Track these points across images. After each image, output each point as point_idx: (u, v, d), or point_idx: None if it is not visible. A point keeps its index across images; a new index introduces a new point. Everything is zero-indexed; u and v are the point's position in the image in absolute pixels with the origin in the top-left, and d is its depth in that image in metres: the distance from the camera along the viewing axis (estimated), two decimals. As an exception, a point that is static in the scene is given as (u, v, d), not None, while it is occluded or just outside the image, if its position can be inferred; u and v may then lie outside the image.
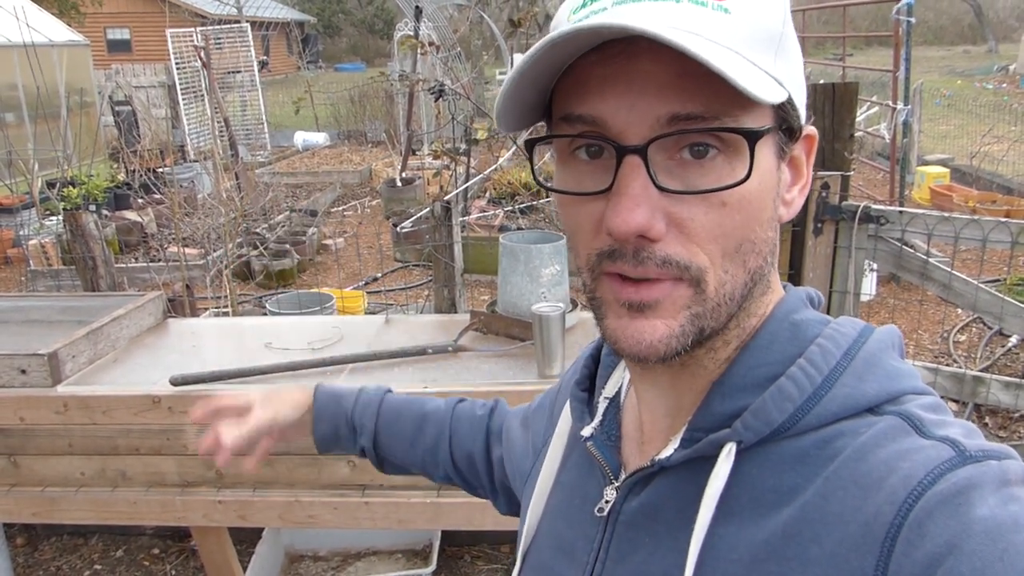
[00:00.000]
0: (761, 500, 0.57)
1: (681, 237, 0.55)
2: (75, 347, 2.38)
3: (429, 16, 10.13)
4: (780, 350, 0.60)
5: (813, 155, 0.64)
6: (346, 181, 10.81)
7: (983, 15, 27.41)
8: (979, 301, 2.80)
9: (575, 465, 0.74)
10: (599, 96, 0.54)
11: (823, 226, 2.82)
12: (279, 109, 15.72)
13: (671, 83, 0.52)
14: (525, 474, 0.86)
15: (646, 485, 0.64)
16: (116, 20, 25.90)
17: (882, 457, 0.53)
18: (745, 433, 0.57)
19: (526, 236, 2.95)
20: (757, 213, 0.56)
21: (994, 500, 0.48)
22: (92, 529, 3.38)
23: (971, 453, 0.51)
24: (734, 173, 0.54)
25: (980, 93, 15.83)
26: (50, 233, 6.67)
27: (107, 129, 11.25)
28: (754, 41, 0.53)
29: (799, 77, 0.58)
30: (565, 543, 0.71)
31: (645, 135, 0.53)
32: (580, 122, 0.55)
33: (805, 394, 0.57)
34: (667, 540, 0.61)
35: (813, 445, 0.56)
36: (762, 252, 0.58)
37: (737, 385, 0.60)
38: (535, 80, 0.56)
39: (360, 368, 2.40)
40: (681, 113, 0.52)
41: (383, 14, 35.07)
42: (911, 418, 0.55)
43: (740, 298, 0.58)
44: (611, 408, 0.72)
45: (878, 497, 0.51)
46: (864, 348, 0.59)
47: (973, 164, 8.86)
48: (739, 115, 0.53)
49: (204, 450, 1.01)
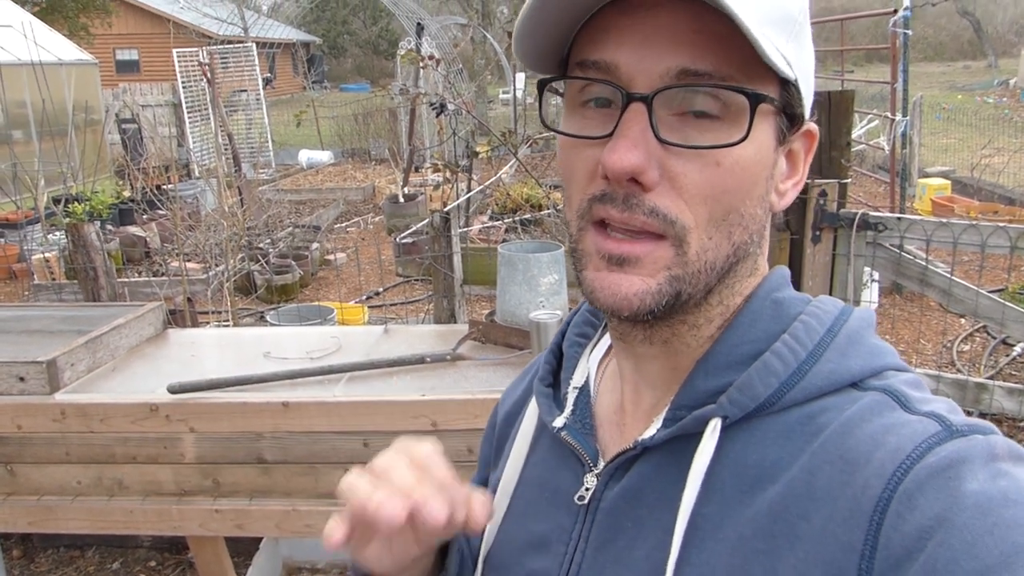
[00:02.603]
0: (745, 477, 0.56)
1: (672, 192, 0.55)
2: (74, 355, 2.38)
3: (433, 35, 10.22)
4: (763, 327, 0.60)
5: (811, 154, 0.64)
6: (349, 198, 10.87)
7: (982, 30, 27.52)
8: (980, 307, 2.79)
9: (541, 461, 0.73)
10: (616, 44, 0.55)
11: (821, 234, 2.82)
12: (284, 128, 15.82)
13: (687, 39, 0.53)
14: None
15: (628, 469, 0.63)
16: (125, 41, 26.22)
17: (868, 432, 0.53)
18: (731, 408, 0.57)
19: (525, 246, 2.95)
20: (749, 184, 0.57)
21: (984, 474, 0.48)
22: (89, 541, 3.36)
23: (957, 428, 0.51)
24: (732, 136, 0.55)
25: (981, 107, 15.87)
26: (54, 246, 6.70)
27: (113, 147, 11.34)
28: (773, 20, 0.55)
29: (809, 69, 0.60)
30: (535, 538, 0.69)
31: (653, 84, 0.54)
32: (594, 68, 0.56)
33: (790, 369, 0.57)
34: (650, 523, 0.60)
35: (798, 421, 0.56)
36: (748, 228, 0.58)
37: (721, 362, 0.60)
38: (557, 23, 0.57)
39: (359, 376, 2.40)
40: (691, 68, 0.53)
41: (388, 35, 35.36)
42: (896, 393, 0.55)
43: (721, 270, 0.58)
44: (581, 397, 0.71)
45: (866, 471, 0.51)
46: (846, 325, 0.60)
47: (974, 176, 8.87)
48: (745, 81, 0.54)
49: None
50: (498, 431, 0.83)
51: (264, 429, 2.23)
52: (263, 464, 2.26)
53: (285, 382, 2.35)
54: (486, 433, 0.85)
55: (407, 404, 2.19)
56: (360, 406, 2.20)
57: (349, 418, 2.20)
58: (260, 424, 2.22)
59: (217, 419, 2.23)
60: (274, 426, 2.22)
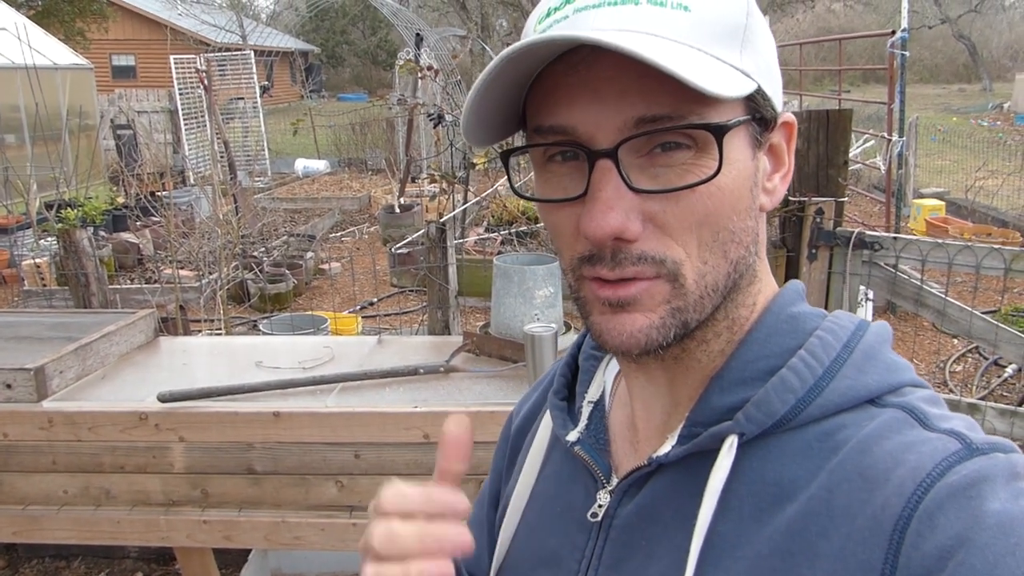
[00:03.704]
0: (763, 495, 0.56)
1: (657, 232, 0.55)
2: (62, 363, 2.35)
3: (431, 46, 10.26)
4: (779, 343, 0.59)
5: (794, 142, 0.63)
6: (345, 208, 10.86)
7: (977, 54, 27.81)
8: (974, 328, 2.79)
9: (553, 474, 0.72)
10: (567, 105, 0.55)
11: (818, 252, 2.82)
12: (280, 136, 15.84)
13: (634, 86, 0.52)
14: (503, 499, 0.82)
15: (642, 486, 0.62)
16: (121, 47, 26.21)
17: (887, 449, 0.52)
18: (748, 425, 0.56)
19: (520, 258, 2.95)
20: (733, 203, 0.56)
21: (1005, 494, 0.47)
22: (75, 551, 3.32)
23: (978, 446, 0.51)
24: (705, 168, 0.54)
25: (975, 130, 16.01)
26: (45, 252, 6.66)
27: (108, 153, 11.31)
28: (717, 36, 0.54)
29: (770, 67, 0.58)
30: (547, 553, 0.68)
31: (614, 138, 0.53)
32: (551, 132, 0.56)
33: (807, 385, 0.56)
34: (665, 542, 0.59)
35: (816, 437, 0.56)
36: (743, 241, 0.58)
37: (736, 378, 0.59)
38: (504, 93, 0.56)
39: (351, 387, 2.38)
40: (647, 115, 0.53)
41: (386, 45, 35.47)
42: (914, 411, 0.54)
43: (724, 288, 0.58)
44: (596, 412, 0.71)
45: (885, 489, 0.50)
46: (863, 341, 0.59)
47: (968, 197, 8.92)
48: (704, 111, 0.53)
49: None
50: (511, 442, 0.82)
51: (255, 439, 2.20)
52: (253, 475, 2.23)
53: (277, 392, 2.33)
54: (499, 443, 0.85)
55: (400, 416, 2.17)
56: (352, 417, 2.18)
57: (341, 429, 2.18)
58: (251, 434, 2.20)
59: (207, 428, 2.21)
60: (265, 436, 2.20)
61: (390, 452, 2.19)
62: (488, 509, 0.83)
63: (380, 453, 2.19)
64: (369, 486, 2.23)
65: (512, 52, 0.52)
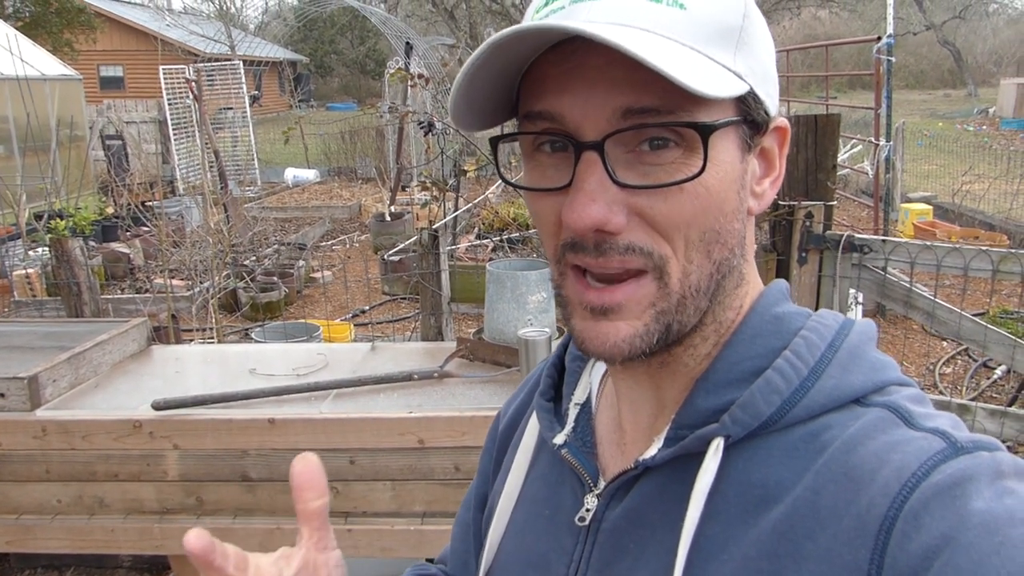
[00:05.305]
0: (749, 497, 0.56)
1: (644, 225, 0.55)
2: (56, 371, 2.35)
3: (421, 55, 10.28)
4: (764, 343, 0.59)
5: (786, 147, 0.64)
6: (335, 216, 10.84)
7: (962, 60, 28.08)
8: (963, 329, 2.82)
9: (541, 477, 0.72)
10: (556, 93, 0.55)
11: (808, 255, 2.84)
12: (270, 146, 15.81)
13: (625, 78, 0.52)
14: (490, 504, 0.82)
15: (629, 489, 0.62)
16: (110, 57, 26.15)
17: (872, 449, 0.52)
18: (733, 427, 0.56)
19: (513, 264, 2.96)
20: (719, 204, 0.56)
21: (990, 493, 0.47)
22: (68, 560, 3.30)
23: (962, 445, 0.51)
24: (691, 166, 0.54)
25: (961, 134, 16.15)
26: (35, 263, 6.62)
27: (97, 163, 11.27)
28: (711, 36, 0.54)
29: (766, 70, 0.58)
30: (535, 557, 0.68)
31: (602, 130, 0.53)
32: (540, 118, 0.56)
33: (792, 386, 0.56)
34: (653, 544, 0.59)
35: (801, 439, 0.56)
36: (728, 243, 0.58)
37: (721, 380, 0.59)
38: (496, 80, 0.56)
39: (346, 393, 2.38)
40: (635, 107, 0.52)
41: (375, 54, 35.50)
42: (899, 410, 0.55)
43: (708, 290, 0.58)
44: (583, 414, 0.70)
45: (871, 489, 0.50)
46: (848, 340, 0.59)
47: (955, 201, 9.00)
48: (694, 109, 0.53)
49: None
50: (498, 443, 0.82)
51: (249, 446, 2.20)
52: (248, 482, 2.23)
53: (271, 399, 2.33)
54: (486, 445, 0.85)
55: (394, 421, 2.18)
56: (347, 423, 2.19)
57: (336, 435, 2.18)
58: (245, 441, 2.20)
59: (201, 436, 2.20)
60: (259, 443, 2.20)
61: (385, 458, 2.19)
62: (475, 512, 0.82)
63: (375, 459, 2.19)
64: (364, 492, 2.23)
65: (499, 38, 0.52)
